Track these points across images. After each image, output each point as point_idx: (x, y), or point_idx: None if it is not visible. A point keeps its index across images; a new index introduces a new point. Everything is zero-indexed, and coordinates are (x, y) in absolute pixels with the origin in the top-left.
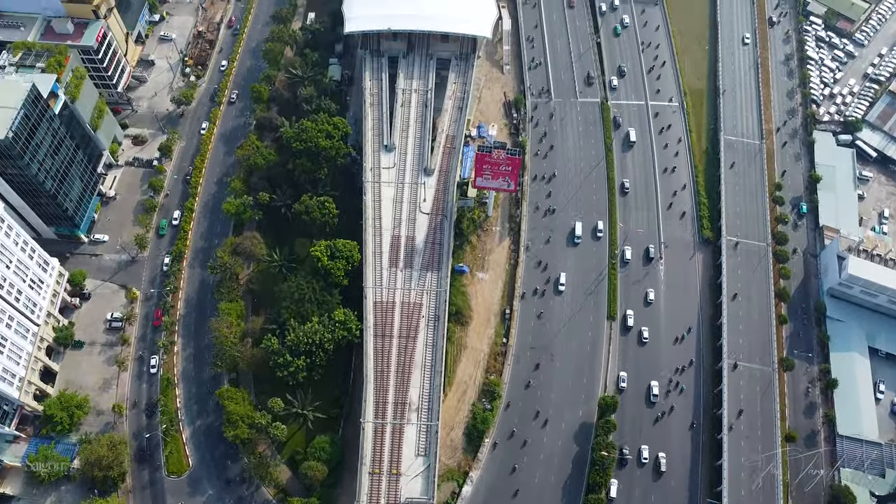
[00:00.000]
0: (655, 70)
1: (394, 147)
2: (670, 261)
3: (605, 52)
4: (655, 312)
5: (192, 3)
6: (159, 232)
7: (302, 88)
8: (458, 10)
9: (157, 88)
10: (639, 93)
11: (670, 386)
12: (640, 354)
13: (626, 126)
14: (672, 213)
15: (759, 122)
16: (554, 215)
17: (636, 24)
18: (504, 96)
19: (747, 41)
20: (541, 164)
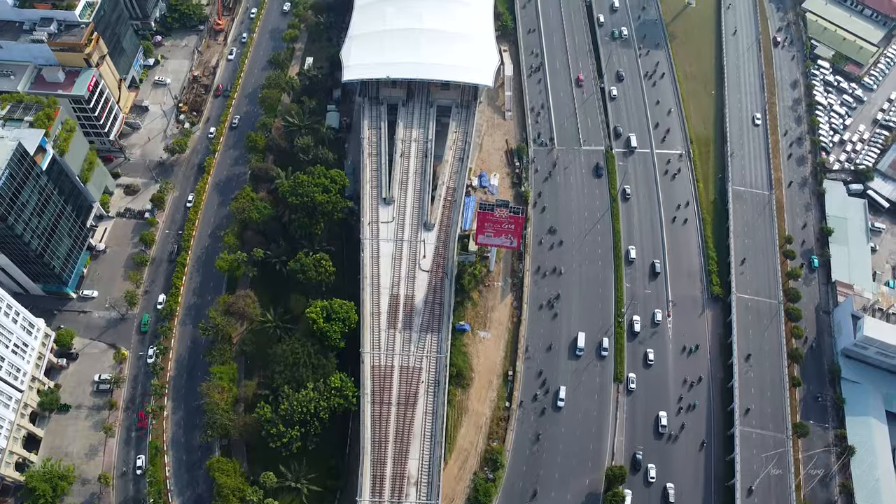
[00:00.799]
0: (661, 116)
1: (392, 200)
2: (678, 319)
3: (608, 97)
4: (662, 374)
5: (187, 46)
6: (141, 328)
7: (299, 138)
8: (458, 58)
9: (150, 135)
10: (644, 140)
11: None
12: (647, 418)
13: (631, 175)
14: (680, 268)
15: (768, 170)
16: (558, 274)
17: (640, 68)
18: (506, 144)
19: (754, 86)
20: (544, 217)
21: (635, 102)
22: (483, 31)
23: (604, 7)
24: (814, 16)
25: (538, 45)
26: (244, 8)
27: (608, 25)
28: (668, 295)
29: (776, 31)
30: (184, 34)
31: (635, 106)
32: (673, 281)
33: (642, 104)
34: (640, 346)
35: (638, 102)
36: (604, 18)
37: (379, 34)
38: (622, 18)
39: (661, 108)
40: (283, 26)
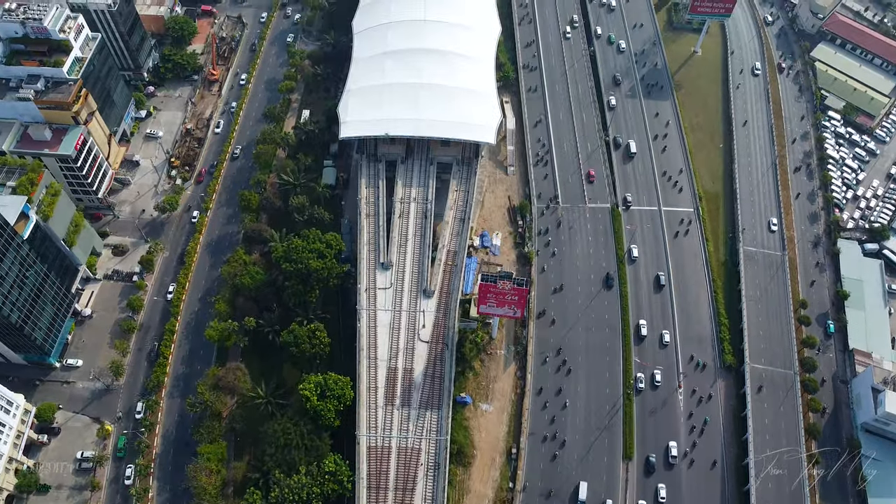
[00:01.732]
0: (668, 170)
1: (391, 265)
2: (689, 391)
3: (613, 153)
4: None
5: (181, 97)
6: (117, 454)
7: (294, 197)
8: (459, 114)
9: (141, 191)
10: (651, 197)
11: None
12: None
13: (638, 234)
14: (690, 336)
15: (780, 229)
16: (562, 342)
17: (647, 120)
18: (508, 201)
19: (764, 139)
20: (547, 279)
21: (641, 157)
22: (484, 84)
23: (608, 56)
24: (823, 65)
25: (541, 98)
26: (239, 58)
27: (612, 74)
28: (678, 366)
29: (780, 58)
30: (177, 85)
31: (641, 160)
32: (683, 349)
33: (648, 158)
34: (649, 417)
35: (644, 156)
36: (609, 67)
37: (378, 88)
38: (627, 67)
39: (669, 161)
40: (280, 76)
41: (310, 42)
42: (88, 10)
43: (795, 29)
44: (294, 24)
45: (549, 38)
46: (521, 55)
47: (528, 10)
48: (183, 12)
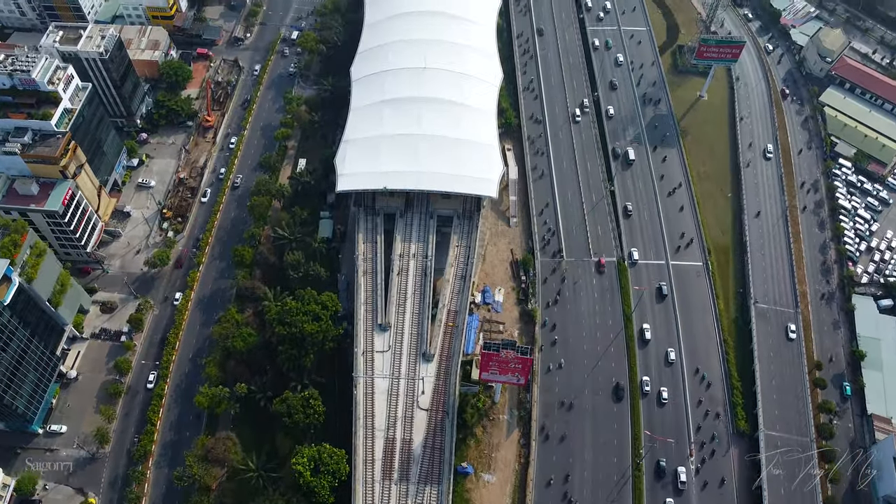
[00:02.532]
0: (675, 222)
1: (389, 326)
2: (700, 459)
3: (619, 199)
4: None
5: (174, 143)
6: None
7: (289, 253)
8: (460, 167)
9: (131, 243)
10: (658, 250)
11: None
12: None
13: (646, 294)
14: (701, 399)
15: (792, 284)
16: (568, 408)
17: (653, 168)
18: (511, 254)
19: (773, 188)
20: (552, 337)
21: (648, 208)
22: (486, 135)
23: (613, 101)
24: (832, 111)
25: (544, 145)
26: (235, 103)
27: (617, 121)
28: (689, 434)
29: (782, 85)
30: (171, 131)
31: (648, 210)
32: (694, 415)
33: (655, 208)
34: (661, 490)
35: (651, 206)
36: (613, 112)
37: (376, 139)
38: (632, 113)
39: (676, 212)
40: (276, 122)
41: (307, 87)
42: (80, 59)
43: (803, 72)
44: (291, 70)
45: (552, 81)
46: (524, 104)
47: (529, 51)
48: (178, 56)
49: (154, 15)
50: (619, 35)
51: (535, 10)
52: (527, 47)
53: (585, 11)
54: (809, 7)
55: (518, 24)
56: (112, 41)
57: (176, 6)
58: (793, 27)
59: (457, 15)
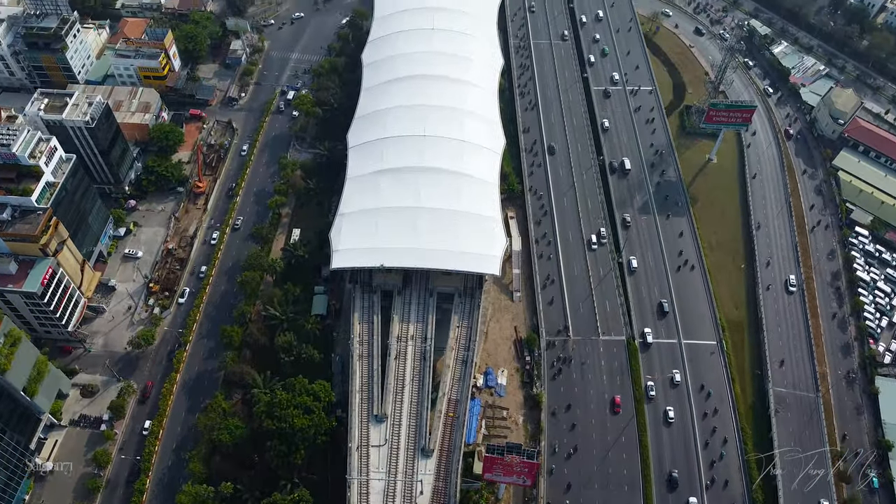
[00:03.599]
0: (686, 296)
1: (385, 418)
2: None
3: (628, 277)
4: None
5: (163, 211)
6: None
7: (280, 335)
8: (461, 243)
9: (116, 320)
10: (670, 328)
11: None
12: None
13: (657, 371)
14: (718, 498)
15: (812, 365)
16: None
17: (662, 239)
18: (514, 332)
19: (788, 259)
20: (559, 426)
21: (658, 280)
22: (488, 207)
23: (618, 167)
24: (846, 175)
25: (548, 212)
26: (227, 167)
27: (624, 187)
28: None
29: (787, 124)
30: (161, 198)
31: (658, 284)
32: None
33: (665, 282)
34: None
35: (661, 280)
36: (619, 178)
37: (373, 212)
38: (639, 179)
39: (687, 286)
40: (270, 188)
41: (303, 150)
42: (65, 127)
43: (815, 134)
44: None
45: (555, 145)
46: (526, 167)
47: (532, 103)
48: (170, 117)
49: (146, 75)
50: (624, 93)
51: (537, 72)
52: (530, 107)
53: (588, 66)
54: (819, 65)
55: (521, 85)
56: (99, 109)
57: (168, 66)
58: (803, 86)
59: (458, 78)
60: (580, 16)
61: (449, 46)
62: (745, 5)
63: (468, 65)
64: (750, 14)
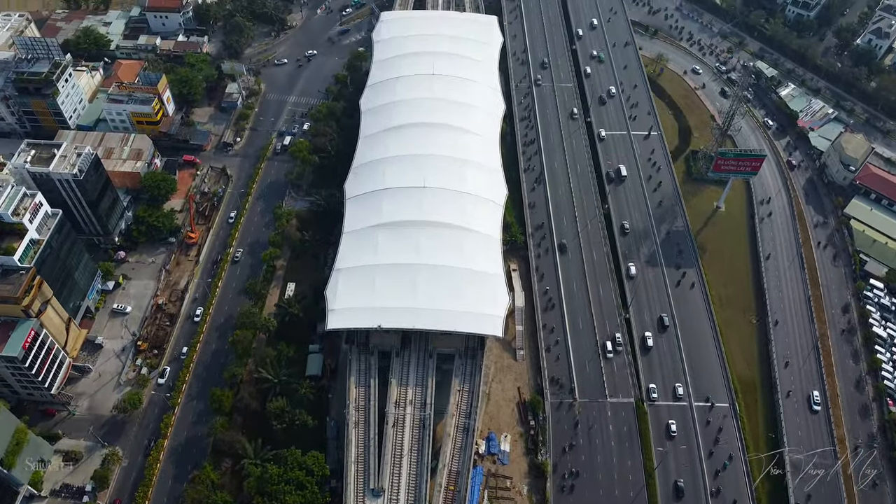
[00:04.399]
0: (698, 355)
1: (382, 492)
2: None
3: (636, 329)
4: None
5: (154, 262)
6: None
7: (272, 400)
8: (462, 302)
9: (102, 380)
10: (679, 390)
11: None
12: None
13: (667, 439)
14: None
15: (829, 429)
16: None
17: (670, 293)
18: (518, 393)
19: (801, 313)
20: (565, 499)
21: (668, 340)
22: (490, 262)
23: (624, 216)
24: (859, 224)
25: (552, 266)
26: (221, 216)
27: (631, 239)
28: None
29: (788, 156)
30: (152, 248)
31: (667, 341)
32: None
33: (675, 339)
34: None
35: (670, 336)
36: (627, 226)
37: (370, 269)
38: (646, 229)
39: (698, 344)
40: (265, 238)
41: (299, 198)
42: (52, 180)
43: (825, 180)
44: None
45: (559, 193)
46: (530, 220)
47: (535, 148)
48: (163, 164)
49: (139, 120)
50: (629, 139)
51: (540, 123)
52: (531, 154)
53: (594, 117)
54: (827, 108)
55: (523, 132)
56: (88, 160)
57: (162, 111)
58: (811, 129)
59: (459, 126)
60: (584, 67)
61: (449, 92)
62: (750, 45)
63: (469, 111)
64: (755, 55)
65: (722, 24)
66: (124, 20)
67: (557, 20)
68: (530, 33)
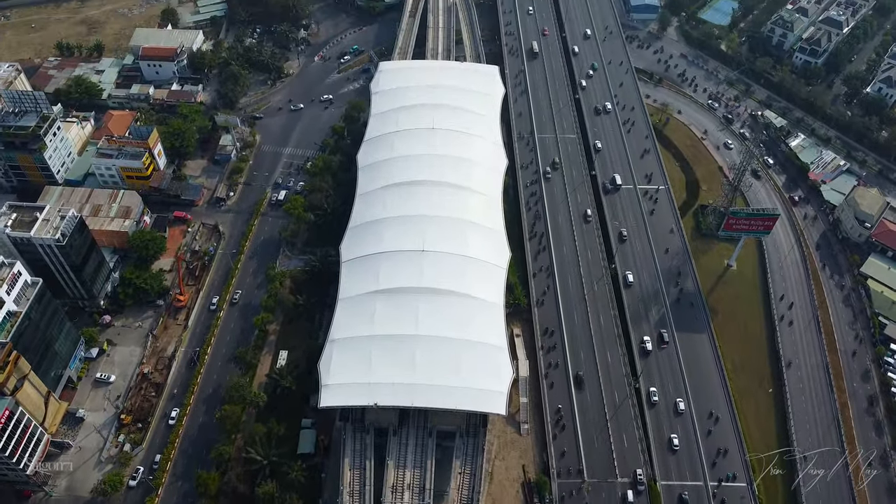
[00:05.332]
0: (712, 430)
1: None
2: None
3: (647, 409)
4: None
5: (140, 327)
6: None
7: (261, 485)
8: (462, 377)
9: (83, 455)
10: (695, 469)
11: None
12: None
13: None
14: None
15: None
16: None
17: (682, 360)
18: (523, 472)
19: (820, 381)
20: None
21: (682, 423)
22: (493, 333)
23: (632, 274)
24: (877, 284)
25: (557, 328)
26: (212, 276)
27: (638, 300)
28: None
29: (791, 193)
30: (138, 312)
31: (679, 415)
32: None
33: (688, 411)
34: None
35: (685, 420)
36: (632, 282)
37: (366, 341)
38: (655, 291)
39: (712, 418)
40: (258, 300)
41: (294, 256)
42: (34, 244)
43: (839, 236)
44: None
45: (564, 252)
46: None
47: (539, 211)
48: (153, 221)
49: (129, 175)
50: (636, 194)
51: (541, 162)
52: (535, 215)
53: (599, 168)
54: (839, 160)
55: (526, 196)
56: (72, 223)
57: (153, 165)
58: (823, 182)
59: (460, 184)
60: (587, 118)
61: (449, 147)
62: (757, 93)
63: (470, 168)
64: (763, 103)
65: (728, 71)
66: (117, 68)
67: (560, 70)
68: (533, 86)
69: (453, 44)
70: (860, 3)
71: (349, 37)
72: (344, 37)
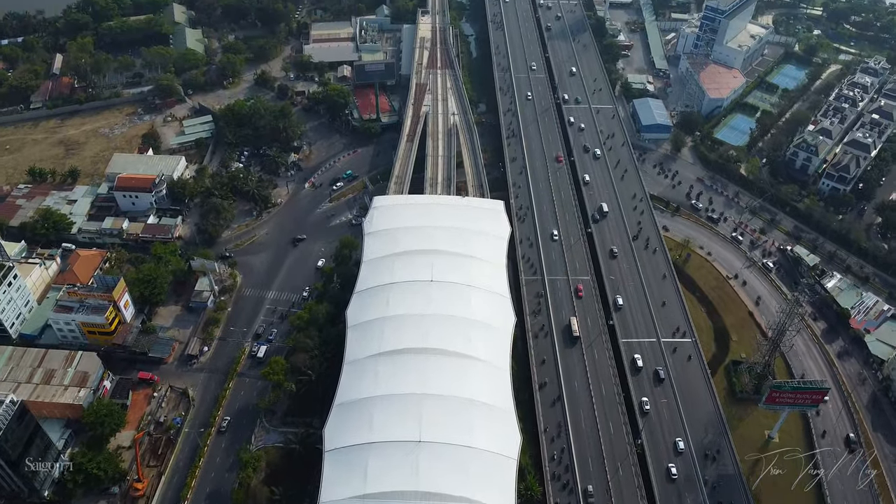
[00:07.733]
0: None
1: None
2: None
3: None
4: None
5: None
6: None
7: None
8: None
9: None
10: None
11: None
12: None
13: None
14: None
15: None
16: None
17: None
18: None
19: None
20: None
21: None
22: (498, 444)
23: (663, 459)
24: None
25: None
26: (177, 455)
27: (672, 490)
28: None
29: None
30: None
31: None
32: None
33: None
34: None
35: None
36: (675, 473)
37: None
38: (688, 474)
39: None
40: (227, 489)
41: (273, 429)
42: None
43: (891, 398)
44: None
45: (583, 426)
46: None
47: (554, 393)
48: (113, 386)
49: (90, 331)
50: (660, 346)
51: (553, 318)
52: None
53: (615, 312)
54: (883, 304)
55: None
56: (9, 413)
57: (118, 319)
58: (867, 331)
59: (461, 352)
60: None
61: (450, 306)
62: (783, 222)
63: (473, 331)
64: (790, 234)
65: (750, 198)
66: (91, 198)
67: (571, 206)
68: (540, 221)
69: (454, 172)
70: (885, 122)
71: (343, 161)
72: (337, 160)
